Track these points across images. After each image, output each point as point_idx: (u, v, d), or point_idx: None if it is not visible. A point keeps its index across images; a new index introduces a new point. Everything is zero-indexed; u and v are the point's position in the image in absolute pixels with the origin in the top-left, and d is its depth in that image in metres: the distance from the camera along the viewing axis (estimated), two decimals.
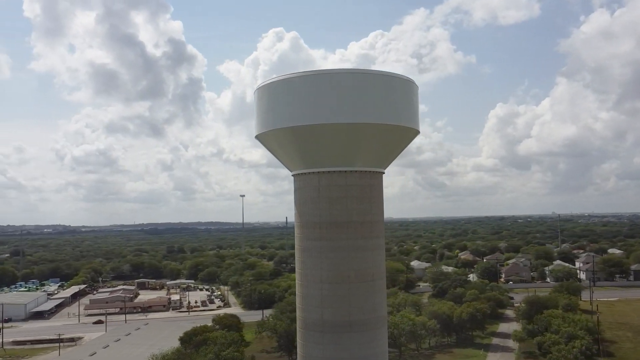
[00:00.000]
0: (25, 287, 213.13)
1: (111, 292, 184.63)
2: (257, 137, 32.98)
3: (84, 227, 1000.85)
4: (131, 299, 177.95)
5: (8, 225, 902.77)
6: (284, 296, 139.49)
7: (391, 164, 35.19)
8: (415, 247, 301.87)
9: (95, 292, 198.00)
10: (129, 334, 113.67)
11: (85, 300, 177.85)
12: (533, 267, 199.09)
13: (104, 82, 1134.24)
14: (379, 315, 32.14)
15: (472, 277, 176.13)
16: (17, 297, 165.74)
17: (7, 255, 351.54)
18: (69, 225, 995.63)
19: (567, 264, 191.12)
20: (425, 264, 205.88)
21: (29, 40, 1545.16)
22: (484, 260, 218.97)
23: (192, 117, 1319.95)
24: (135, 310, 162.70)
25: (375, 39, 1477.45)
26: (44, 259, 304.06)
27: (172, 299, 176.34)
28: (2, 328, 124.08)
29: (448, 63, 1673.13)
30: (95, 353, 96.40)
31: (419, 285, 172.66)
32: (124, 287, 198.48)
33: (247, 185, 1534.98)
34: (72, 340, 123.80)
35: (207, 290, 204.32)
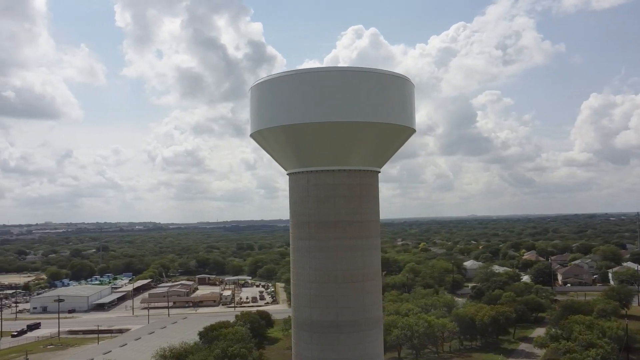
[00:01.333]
0: (99, 281, 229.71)
1: (170, 287, 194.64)
2: (251, 135, 33.14)
3: (172, 224, 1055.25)
4: (187, 294, 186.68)
5: (105, 222, 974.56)
6: None
7: (471, 160, 32.76)
8: (480, 246, 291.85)
9: (156, 286, 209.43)
10: (165, 327, 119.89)
11: (146, 294, 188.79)
12: (597, 269, 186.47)
13: (189, 85, 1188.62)
14: (369, 316, 31.74)
15: (525, 278, 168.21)
16: (82, 290, 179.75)
17: (93, 250, 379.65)
18: (159, 223, 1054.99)
19: (636, 267, 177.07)
20: (480, 264, 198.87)
21: (121, 48, 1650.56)
22: (549, 260, 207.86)
23: None
24: (187, 305, 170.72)
25: (457, 32, 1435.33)
26: (125, 254, 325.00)
27: (223, 294, 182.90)
28: (59, 319, 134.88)
29: (535, 53, 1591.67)
30: (126, 344, 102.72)
31: (467, 286, 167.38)
32: (183, 282, 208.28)
33: None
34: (120, 331, 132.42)
35: (262, 286, 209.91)
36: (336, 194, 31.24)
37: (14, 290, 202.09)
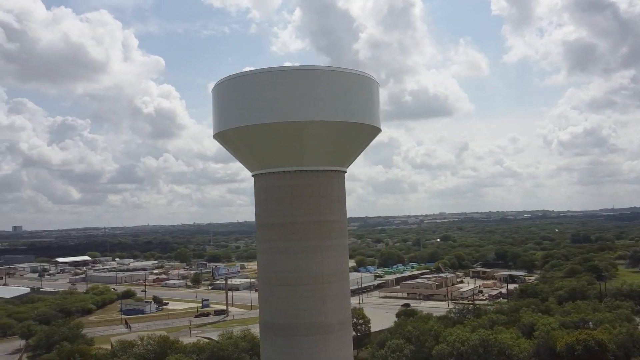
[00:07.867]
0: (396, 268, 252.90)
1: (429, 278, 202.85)
2: (214, 137, 33.54)
3: (566, 211, 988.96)
4: (436, 287, 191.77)
5: (496, 212, 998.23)
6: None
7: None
8: None
9: (418, 277, 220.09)
10: None
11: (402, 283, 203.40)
12: None
13: (577, 59, 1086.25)
14: (303, 322, 31.37)
15: None
16: None
17: (437, 239, 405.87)
18: (551, 211, 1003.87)
19: None
20: None
21: (499, 36, 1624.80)
22: None
23: None
24: (418, 297, 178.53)
25: None
26: (458, 245, 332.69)
27: (460, 289, 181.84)
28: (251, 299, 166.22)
29: None
30: None
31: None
32: (441, 275, 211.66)
33: None
34: None
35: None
36: (268, 197, 32.20)
37: None
